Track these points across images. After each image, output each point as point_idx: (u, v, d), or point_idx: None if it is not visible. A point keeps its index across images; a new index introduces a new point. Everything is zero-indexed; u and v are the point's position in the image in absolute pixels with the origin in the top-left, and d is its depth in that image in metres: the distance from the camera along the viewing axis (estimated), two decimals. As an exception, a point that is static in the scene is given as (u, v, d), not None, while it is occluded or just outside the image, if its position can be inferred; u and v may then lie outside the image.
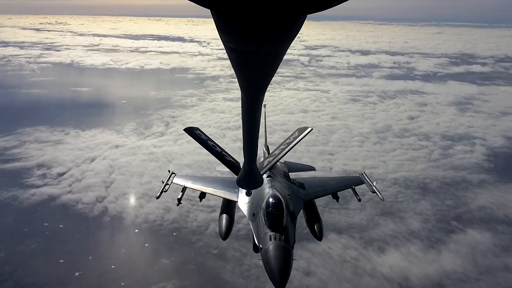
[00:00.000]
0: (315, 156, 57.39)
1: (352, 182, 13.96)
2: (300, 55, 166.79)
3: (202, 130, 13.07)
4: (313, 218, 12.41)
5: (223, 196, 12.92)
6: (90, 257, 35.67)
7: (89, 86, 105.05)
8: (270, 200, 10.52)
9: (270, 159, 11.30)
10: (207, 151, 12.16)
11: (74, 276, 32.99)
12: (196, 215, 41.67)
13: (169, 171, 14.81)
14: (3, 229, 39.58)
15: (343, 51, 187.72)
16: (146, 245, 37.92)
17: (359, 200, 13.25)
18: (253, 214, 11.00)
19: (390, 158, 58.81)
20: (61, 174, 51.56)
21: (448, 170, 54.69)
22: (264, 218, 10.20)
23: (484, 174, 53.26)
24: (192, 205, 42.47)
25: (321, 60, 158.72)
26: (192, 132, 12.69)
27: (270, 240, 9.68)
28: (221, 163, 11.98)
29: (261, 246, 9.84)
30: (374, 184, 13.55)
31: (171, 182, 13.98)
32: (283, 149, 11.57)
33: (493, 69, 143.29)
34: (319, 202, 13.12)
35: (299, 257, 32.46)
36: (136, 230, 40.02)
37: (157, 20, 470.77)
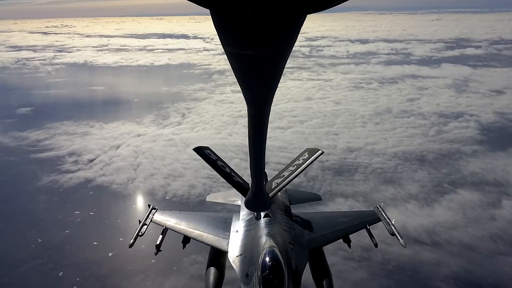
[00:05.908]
0: (321, 136, 62.58)
1: (366, 219, 11.98)
2: (301, 46, 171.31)
3: (212, 149, 11.47)
4: (321, 271, 10.21)
5: (210, 243, 10.97)
6: (121, 239, 37.80)
7: (106, 83, 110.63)
8: (267, 260, 8.36)
9: (279, 181, 9.47)
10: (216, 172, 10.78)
11: (108, 256, 35.60)
12: (219, 185, 45.43)
13: (149, 205, 12.57)
14: (45, 213, 42.78)
15: (343, 40, 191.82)
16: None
17: (376, 245, 10.85)
18: (246, 275, 8.85)
19: (391, 135, 63.67)
20: (91, 160, 56.94)
21: (444, 144, 59.54)
22: (259, 287, 8.09)
23: (477, 145, 58.04)
24: (213, 182, 47.45)
25: (321, 50, 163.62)
26: (202, 152, 11.08)
27: None
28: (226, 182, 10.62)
29: None
30: (393, 223, 11.26)
31: (150, 220, 11.85)
32: (292, 171, 9.77)
33: (486, 51, 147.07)
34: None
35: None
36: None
37: (160, 19, 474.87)
